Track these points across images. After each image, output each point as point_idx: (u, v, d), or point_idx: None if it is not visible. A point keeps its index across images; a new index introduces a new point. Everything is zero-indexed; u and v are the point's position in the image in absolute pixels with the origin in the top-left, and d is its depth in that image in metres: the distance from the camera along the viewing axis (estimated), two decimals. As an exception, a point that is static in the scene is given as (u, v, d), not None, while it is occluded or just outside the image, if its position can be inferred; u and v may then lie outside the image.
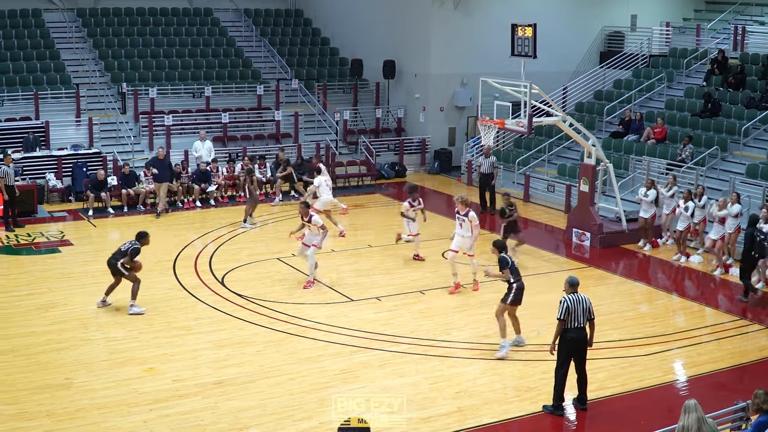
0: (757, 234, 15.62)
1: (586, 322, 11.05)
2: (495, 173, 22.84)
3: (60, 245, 18.82)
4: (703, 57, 27.04)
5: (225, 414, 10.95)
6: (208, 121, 26.97)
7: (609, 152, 23.18)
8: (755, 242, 15.56)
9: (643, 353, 13.25)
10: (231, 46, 30.44)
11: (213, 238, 19.66)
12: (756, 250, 15.63)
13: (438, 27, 28.03)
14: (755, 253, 15.68)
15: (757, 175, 20.38)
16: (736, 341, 13.94)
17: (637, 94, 26.59)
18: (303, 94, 29.15)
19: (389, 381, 12.08)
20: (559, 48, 28.37)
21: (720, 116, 23.60)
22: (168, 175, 21.94)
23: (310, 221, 15.88)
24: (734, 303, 15.92)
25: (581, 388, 11.26)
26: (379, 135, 29.11)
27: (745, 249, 15.89)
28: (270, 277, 16.82)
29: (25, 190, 21.14)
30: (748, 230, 15.84)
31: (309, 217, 15.90)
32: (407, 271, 17.26)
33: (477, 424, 10.85)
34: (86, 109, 25.90)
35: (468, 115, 28.76)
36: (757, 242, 15.56)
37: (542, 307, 15.05)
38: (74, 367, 12.28)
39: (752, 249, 15.63)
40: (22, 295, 15.51)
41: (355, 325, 14.21)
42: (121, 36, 29.25)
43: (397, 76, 29.35)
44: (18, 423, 10.55)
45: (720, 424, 9.10)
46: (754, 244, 15.57)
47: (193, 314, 14.65)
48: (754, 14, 29.87)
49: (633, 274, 17.73)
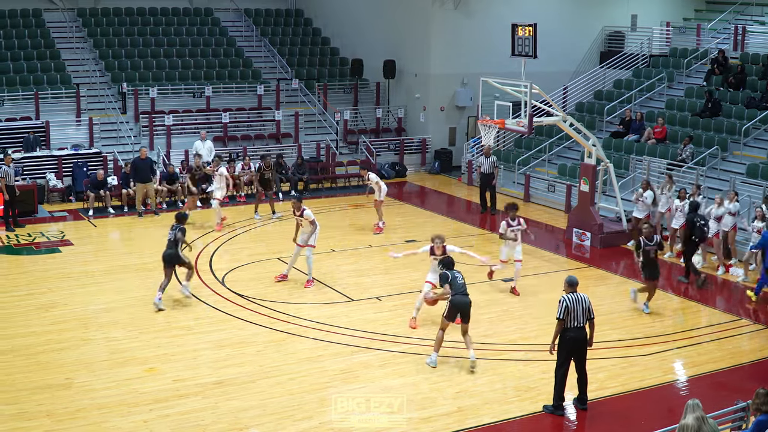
0: (697, 219, 16.76)
1: (585, 322, 11.05)
2: (496, 173, 22.84)
3: (60, 245, 18.82)
4: (703, 57, 27.04)
5: (225, 414, 10.95)
6: (208, 121, 26.98)
7: (609, 152, 23.18)
8: (695, 227, 16.69)
9: (643, 353, 13.25)
10: (231, 46, 30.45)
11: (213, 238, 19.65)
12: (696, 235, 16.75)
13: (438, 27, 28.03)
14: (695, 237, 16.77)
15: (757, 174, 20.38)
16: (736, 341, 13.94)
17: (637, 94, 26.59)
18: (303, 94, 29.16)
19: (389, 381, 12.08)
20: (559, 48, 28.38)
21: (720, 116, 23.60)
22: (150, 175, 21.88)
23: (302, 215, 15.82)
24: (733, 302, 15.93)
25: (581, 387, 11.26)
26: (379, 135, 29.12)
27: (686, 234, 17.06)
28: (270, 277, 16.81)
29: (26, 190, 21.15)
30: (689, 216, 17.06)
31: (301, 212, 15.82)
32: (407, 271, 17.24)
33: (477, 424, 10.86)
34: (86, 109, 25.91)
35: (468, 115, 28.77)
36: (697, 227, 16.69)
37: (542, 306, 15.08)
38: (74, 367, 12.28)
39: (692, 233, 16.76)
40: (22, 295, 15.51)
41: (355, 325, 14.21)
42: (122, 36, 29.26)
43: (397, 76, 29.35)
44: (18, 423, 10.55)
45: (720, 424, 9.10)
46: (695, 228, 16.71)
47: (193, 314, 14.64)
48: (754, 14, 29.87)
49: (633, 274, 17.71)
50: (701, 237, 16.85)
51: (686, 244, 17.00)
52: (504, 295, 15.99)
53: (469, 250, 14.82)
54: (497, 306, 15.32)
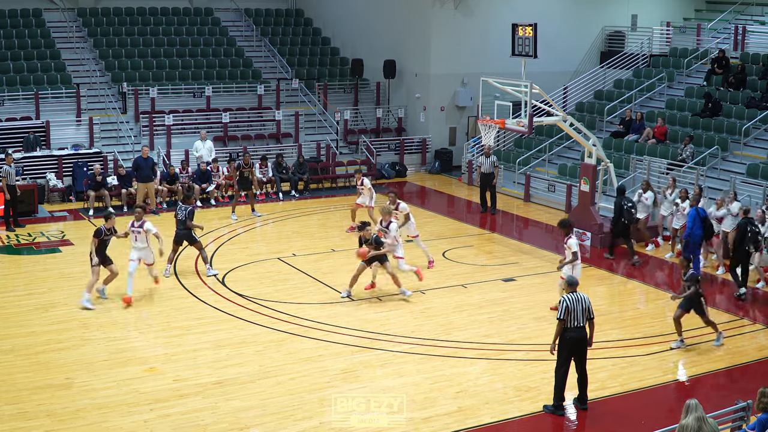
0: (624, 203, 18.19)
1: (585, 322, 11.05)
2: (496, 173, 22.83)
3: (60, 245, 18.82)
4: (703, 57, 27.04)
5: (225, 414, 10.95)
6: (208, 120, 26.98)
7: (609, 152, 23.18)
8: (623, 210, 18.19)
9: (643, 353, 13.25)
10: (231, 46, 30.44)
11: (213, 237, 19.65)
12: (624, 217, 18.19)
13: (438, 27, 28.03)
14: (624, 219, 18.22)
15: (757, 174, 20.38)
16: (736, 341, 13.94)
17: (637, 94, 26.59)
18: (303, 94, 29.15)
19: (390, 381, 12.09)
20: (559, 48, 28.38)
21: (720, 116, 23.60)
22: (151, 174, 21.91)
23: (398, 208, 16.95)
24: (733, 302, 15.92)
25: (581, 387, 11.26)
26: (379, 135, 29.11)
27: (614, 216, 18.50)
28: (270, 277, 16.83)
29: (26, 189, 21.15)
30: (616, 199, 18.54)
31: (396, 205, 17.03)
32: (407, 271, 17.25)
33: (477, 423, 10.86)
34: (87, 108, 25.91)
35: (468, 115, 28.77)
36: (625, 210, 18.17)
37: (542, 306, 15.09)
38: (75, 367, 12.28)
39: (621, 216, 18.24)
40: (22, 295, 15.52)
41: (356, 325, 14.21)
42: (122, 36, 29.26)
43: (397, 75, 29.35)
44: (19, 423, 10.55)
45: (720, 424, 9.10)
46: (623, 211, 18.20)
47: (193, 314, 14.65)
48: (754, 14, 29.86)
49: (633, 274, 17.71)
50: (629, 219, 18.17)
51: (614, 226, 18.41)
52: (504, 295, 16.00)
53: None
54: (497, 306, 15.33)
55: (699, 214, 16.64)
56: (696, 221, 16.60)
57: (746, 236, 15.83)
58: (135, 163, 22.07)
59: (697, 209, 16.74)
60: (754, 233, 15.85)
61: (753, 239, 15.85)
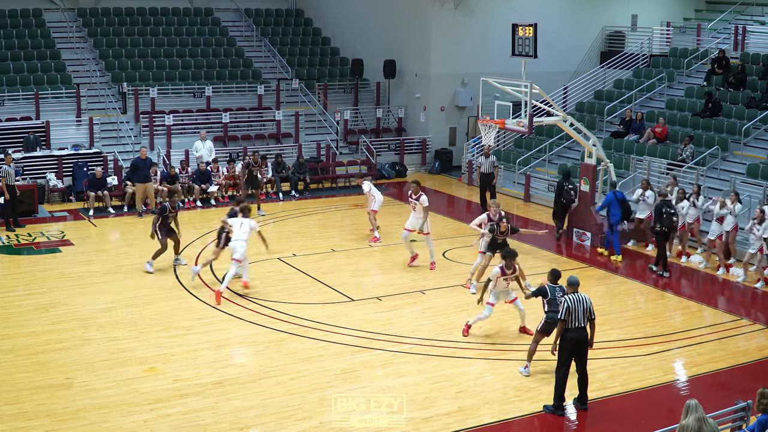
0: (566, 185, 19.58)
1: (586, 322, 11.06)
2: (496, 173, 22.82)
3: (60, 245, 18.82)
4: (703, 57, 27.04)
5: (226, 414, 10.95)
6: (208, 120, 26.98)
7: (609, 152, 23.17)
8: (564, 191, 19.61)
9: (643, 353, 13.25)
10: (231, 46, 30.44)
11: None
12: (564, 198, 19.65)
13: (438, 27, 28.03)
14: (563, 200, 19.65)
15: (757, 174, 20.38)
16: (737, 341, 13.94)
17: (637, 94, 26.59)
18: (303, 94, 29.15)
19: (390, 381, 12.09)
20: (559, 48, 28.38)
21: (720, 116, 23.60)
22: (150, 175, 21.90)
23: (419, 200, 16.93)
24: (733, 302, 15.92)
25: (582, 388, 11.26)
26: (379, 135, 29.11)
27: (555, 196, 20.01)
28: (271, 277, 16.82)
29: (26, 189, 21.15)
30: (559, 181, 19.97)
31: (418, 196, 16.97)
32: (407, 272, 17.26)
33: (477, 423, 10.86)
34: (87, 108, 25.90)
35: (469, 115, 28.76)
36: (565, 191, 19.59)
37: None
38: (75, 366, 12.28)
39: (561, 196, 19.70)
40: (22, 295, 15.51)
41: (355, 324, 14.21)
42: (122, 36, 29.25)
43: (397, 75, 29.35)
44: (19, 423, 10.55)
45: (720, 424, 9.10)
46: (563, 192, 19.63)
47: (193, 314, 14.65)
48: (754, 14, 29.86)
49: (633, 274, 17.72)
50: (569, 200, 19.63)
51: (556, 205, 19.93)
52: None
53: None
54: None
55: (617, 197, 18.14)
56: (613, 204, 18.08)
57: (662, 217, 17.16)
58: (133, 164, 22.06)
59: (615, 192, 18.29)
60: (669, 214, 17.12)
61: (668, 220, 17.12)
